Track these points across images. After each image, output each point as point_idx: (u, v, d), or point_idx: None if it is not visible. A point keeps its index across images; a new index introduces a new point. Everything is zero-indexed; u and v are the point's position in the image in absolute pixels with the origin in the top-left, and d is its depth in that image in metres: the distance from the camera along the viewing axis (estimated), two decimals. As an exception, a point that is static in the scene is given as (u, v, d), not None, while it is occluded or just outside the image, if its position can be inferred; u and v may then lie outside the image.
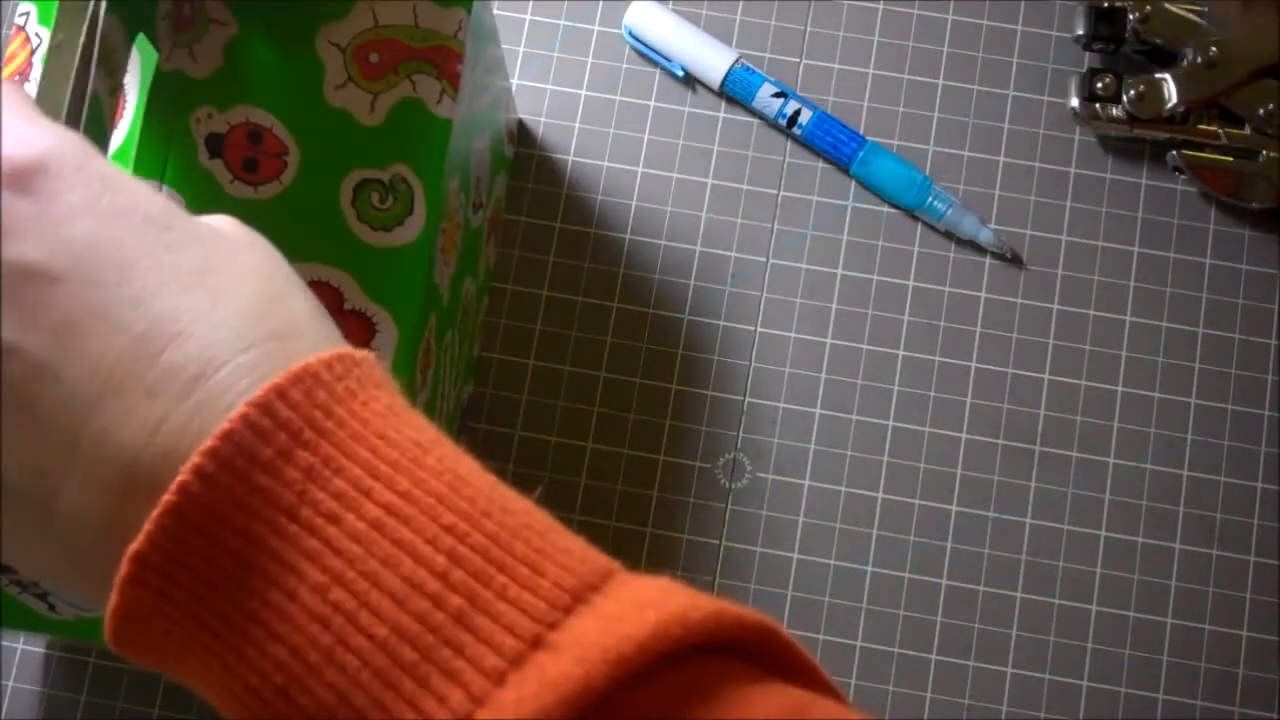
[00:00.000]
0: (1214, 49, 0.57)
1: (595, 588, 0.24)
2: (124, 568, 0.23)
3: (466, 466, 0.25)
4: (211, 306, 0.25)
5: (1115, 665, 0.55)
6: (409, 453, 0.24)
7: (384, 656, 0.22)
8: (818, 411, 0.57)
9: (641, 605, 0.23)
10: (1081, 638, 0.55)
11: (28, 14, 0.43)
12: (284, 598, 0.23)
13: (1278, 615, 0.55)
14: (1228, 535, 0.56)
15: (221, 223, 0.28)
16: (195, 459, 0.23)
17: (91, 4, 0.35)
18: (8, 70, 0.43)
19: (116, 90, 0.38)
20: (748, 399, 0.58)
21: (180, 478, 0.23)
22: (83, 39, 0.34)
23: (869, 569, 0.56)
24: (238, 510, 0.23)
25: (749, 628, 0.24)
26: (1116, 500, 0.56)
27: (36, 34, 0.43)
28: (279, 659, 0.23)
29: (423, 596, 0.23)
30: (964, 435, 0.57)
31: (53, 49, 0.34)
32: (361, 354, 0.26)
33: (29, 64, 0.42)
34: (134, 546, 0.23)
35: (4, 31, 0.61)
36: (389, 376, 0.26)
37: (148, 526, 0.23)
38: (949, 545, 0.56)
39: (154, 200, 0.26)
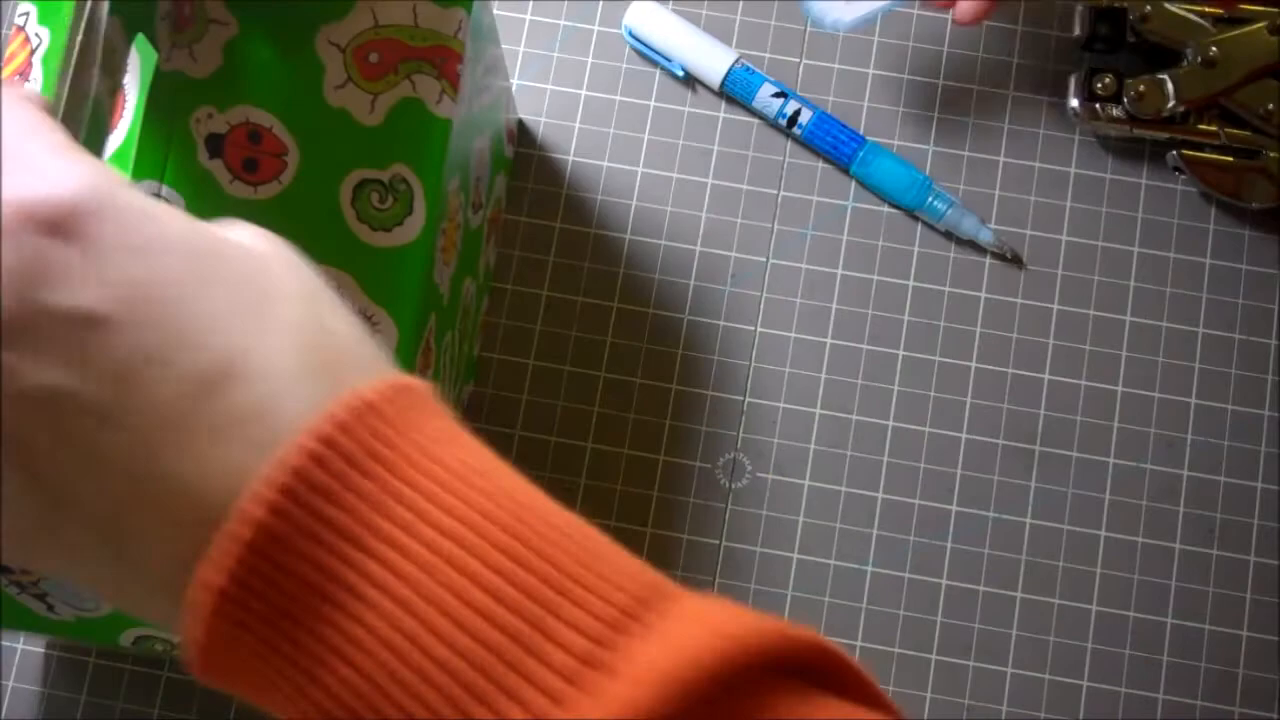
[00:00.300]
0: (1214, 49, 0.57)
1: (654, 608, 0.24)
2: (206, 602, 0.24)
3: (523, 490, 0.26)
4: (262, 339, 0.25)
5: (1115, 665, 0.55)
6: (467, 479, 0.25)
7: (449, 678, 0.23)
8: (818, 411, 0.57)
9: (702, 627, 0.24)
10: (1081, 638, 0.55)
11: (28, 14, 0.43)
12: (353, 623, 0.24)
13: (1278, 615, 0.55)
14: (1228, 535, 0.56)
15: (254, 240, 0.28)
16: (266, 494, 0.24)
17: (90, 4, 0.35)
18: (8, 70, 0.43)
19: (116, 90, 0.38)
20: (748, 399, 0.58)
21: (254, 513, 0.24)
22: (81, 39, 0.34)
23: (869, 569, 0.56)
24: (307, 541, 0.24)
25: (807, 648, 0.25)
26: (1116, 500, 0.56)
27: (36, 34, 0.43)
28: (350, 682, 0.24)
29: (485, 620, 0.23)
30: (964, 435, 0.57)
31: (51, 52, 0.34)
32: (416, 382, 0.26)
33: (29, 64, 0.42)
34: (215, 581, 0.24)
35: (4, 32, 0.61)
36: (441, 402, 0.27)
37: (226, 561, 0.24)
38: (949, 545, 0.56)
39: (195, 231, 0.26)
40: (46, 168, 0.26)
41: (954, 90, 0.60)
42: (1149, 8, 0.58)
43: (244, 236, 0.28)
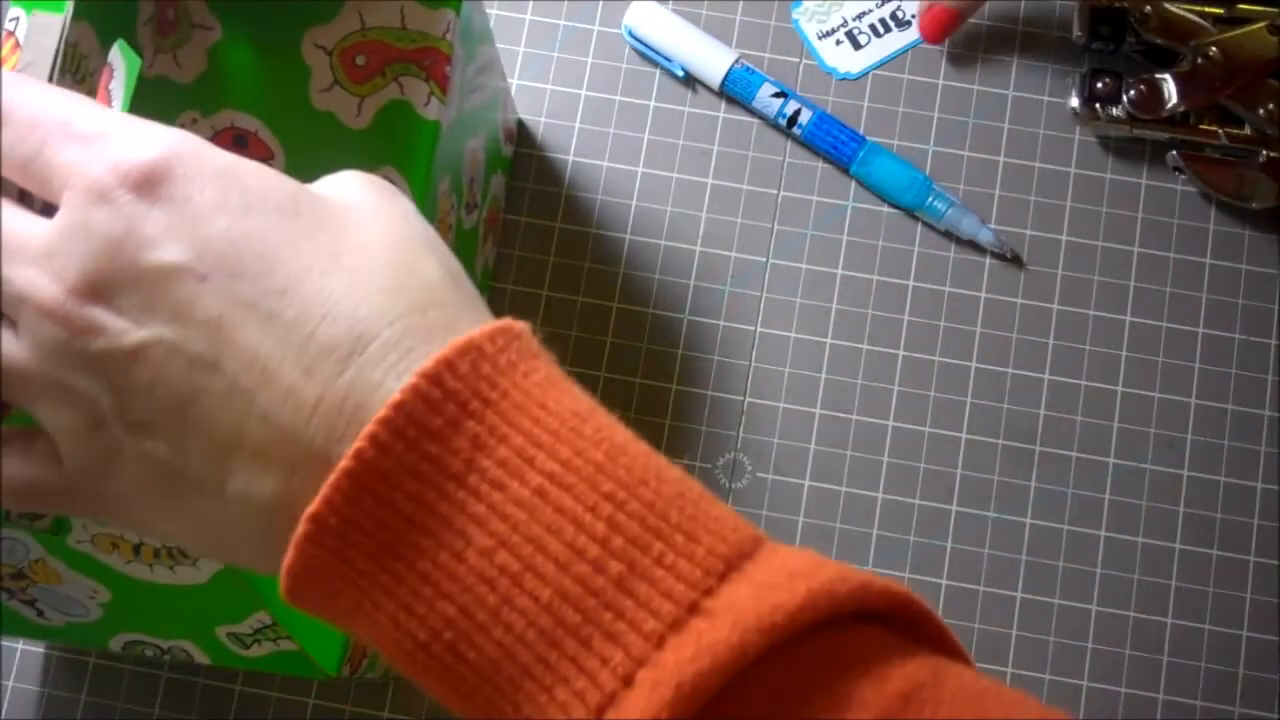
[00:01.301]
0: (1214, 49, 0.57)
1: (748, 556, 0.25)
2: (301, 527, 0.25)
3: (623, 435, 0.26)
4: (351, 286, 0.26)
5: (1115, 665, 0.55)
6: (568, 422, 0.25)
7: (548, 617, 0.24)
8: (818, 411, 0.57)
9: (792, 575, 0.24)
10: (1081, 638, 0.55)
11: (18, 19, 0.43)
12: (453, 559, 0.24)
13: (1277, 615, 0.55)
14: (1228, 535, 0.56)
15: (344, 187, 0.29)
16: (371, 427, 0.24)
17: (66, 12, 0.34)
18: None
19: (91, 95, 0.37)
20: (748, 399, 0.58)
21: (357, 444, 0.24)
22: (57, 44, 0.34)
23: (869, 569, 0.56)
24: (409, 476, 0.24)
25: (891, 598, 0.25)
26: (1116, 500, 0.56)
27: (25, 38, 0.42)
28: (448, 616, 0.24)
29: (584, 562, 0.24)
30: (964, 435, 0.57)
31: (22, 69, 0.34)
32: (520, 326, 0.27)
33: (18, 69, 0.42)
34: (311, 509, 0.24)
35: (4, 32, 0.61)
36: (544, 348, 0.27)
37: (325, 491, 0.24)
38: (949, 545, 0.56)
39: (279, 185, 0.28)
40: (133, 133, 0.27)
41: (954, 90, 0.60)
42: (1149, 8, 0.58)
43: (333, 187, 0.29)
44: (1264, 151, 0.58)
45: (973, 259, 0.59)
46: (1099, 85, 0.58)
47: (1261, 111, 0.57)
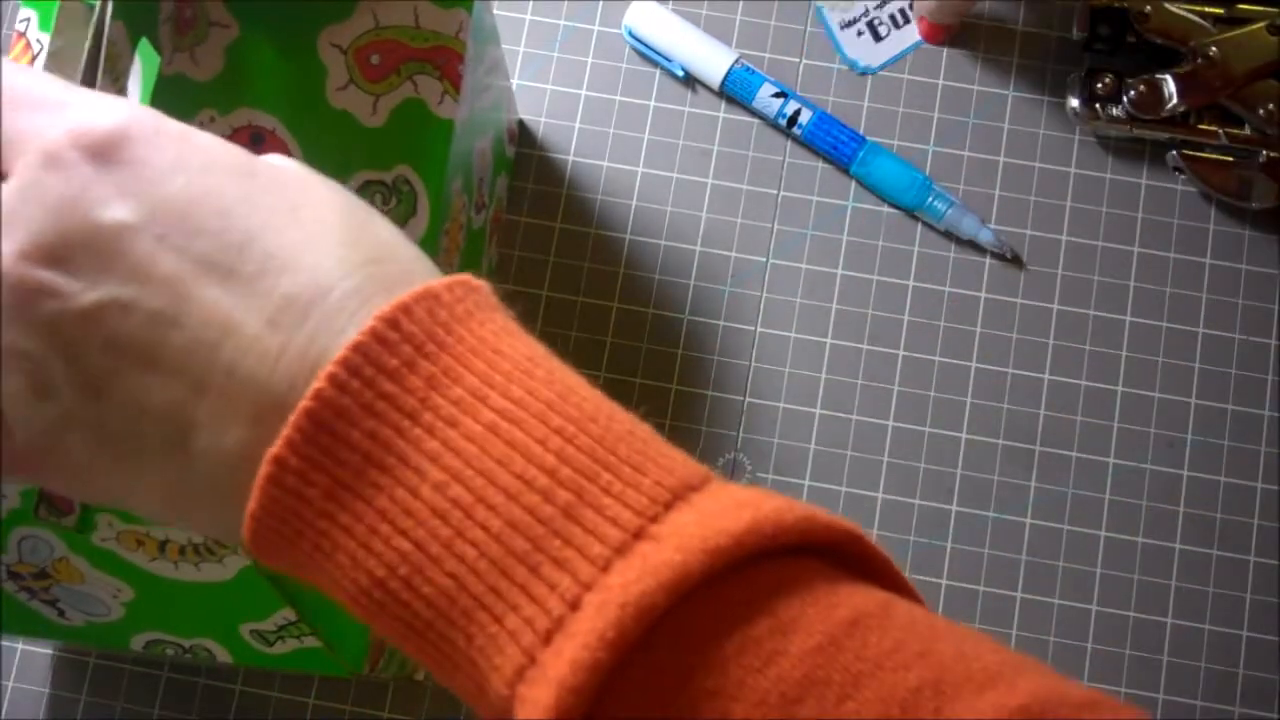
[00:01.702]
0: (1214, 49, 0.57)
1: (694, 488, 0.25)
2: (263, 468, 0.25)
3: (575, 380, 0.27)
4: (309, 240, 0.27)
5: (1115, 665, 0.55)
6: (521, 365, 0.26)
7: (498, 546, 0.24)
8: (818, 411, 0.57)
9: (738, 505, 0.25)
10: (1081, 638, 0.55)
11: (28, 20, 0.43)
12: (408, 495, 0.25)
13: (1278, 615, 0.55)
14: (1228, 535, 0.56)
15: (286, 162, 0.30)
16: (330, 368, 0.25)
17: (98, 8, 0.34)
18: None
19: (121, 95, 0.38)
20: (748, 399, 0.58)
21: (316, 385, 0.25)
22: (89, 44, 0.34)
23: (869, 569, 0.56)
24: (366, 414, 0.25)
25: (839, 532, 0.26)
26: (1116, 500, 0.56)
27: (38, 40, 0.43)
28: (403, 550, 0.25)
29: (533, 492, 0.24)
30: (964, 435, 0.57)
31: (52, 55, 0.34)
32: (479, 281, 0.28)
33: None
34: (273, 450, 0.25)
35: (3, 32, 0.61)
36: (501, 303, 0.28)
37: (286, 431, 0.25)
38: (949, 545, 0.56)
39: (233, 150, 0.28)
40: (92, 103, 0.27)
41: (954, 90, 0.60)
42: (1149, 8, 0.58)
43: (280, 161, 0.30)
44: (1264, 151, 0.58)
45: (973, 259, 0.59)
46: (1099, 85, 0.58)
47: (1261, 111, 0.57)
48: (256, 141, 0.42)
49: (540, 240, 0.59)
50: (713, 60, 0.59)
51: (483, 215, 0.52)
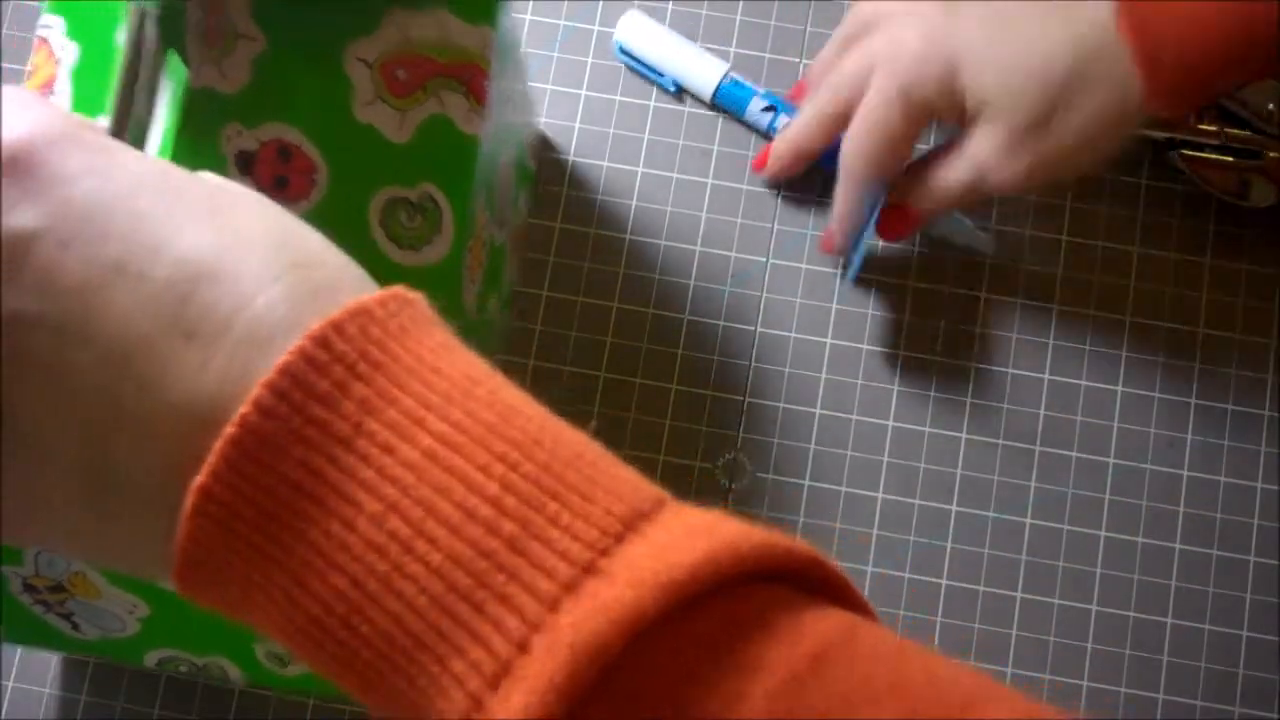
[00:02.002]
0: (1214, 49, 0.57)
1: (646, 516, 0.24)
2: (188, 500, 0.23)
3: (518, 399, 0.25)
4: (231, 243, 0.25)
5: (1115, 665, 0.55)
6: (460, 385, 0.24)
7: (440, 583, 0.23)
8: (818, 411, 0.57)
9: (692, 534, 0.23)
10: (1081, 638, 0.55)
11: (52, 25, 0.42)
12: (343, 528, 0.23)
13: (1277, 615, 0.55)
14: (1228, 535, 0.56)
15: (210, 175, 0.28)
16: (255, 391, 0.23)
17: (137, 29, 0.34)
18: (32, 84, 0.42)
19: (154, 109, 0.37)
20: (748, 399, 0.58)
21: (241, 410, 0.23)
22: (126, 54, 0.34)
23: (869, 569, 0.56)
24: (296, 442, 0.23)
25: (797, 558, 0.25)
26: (1116, 500, 0.56)
27: (64, 47, 0.42)
28: (339, 588, 0.23)
29: (476, 523, 0.23)
30: (964, 435, 0.57)
31: (83, 68, 0.33)
32: (413, 294, 0.26)
33: (54, 78, 0.42)
34: (198, 480, 0.23)
35: (4, 32, 0.61)
36: (439, 316, 0.26)
37: (210, 459, 0.23)
38: (949, 545, 0.56)
39: (152, 159, 0.27)
40: (4, 112, 0.26)
41: (954, 90, 0.60)
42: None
43: (205, 174, 0.28)
44: (1264, 151, 0.58)
45: (972, 259, 0.59)
46: (1099, 85, 0.58)
47: (1262, 111, 0.57)
48: (284, 156, 0.42)
49: (541, 241, 0.59)
50: (703, 75, 0.59)
51: (504, 231, 0.51)
